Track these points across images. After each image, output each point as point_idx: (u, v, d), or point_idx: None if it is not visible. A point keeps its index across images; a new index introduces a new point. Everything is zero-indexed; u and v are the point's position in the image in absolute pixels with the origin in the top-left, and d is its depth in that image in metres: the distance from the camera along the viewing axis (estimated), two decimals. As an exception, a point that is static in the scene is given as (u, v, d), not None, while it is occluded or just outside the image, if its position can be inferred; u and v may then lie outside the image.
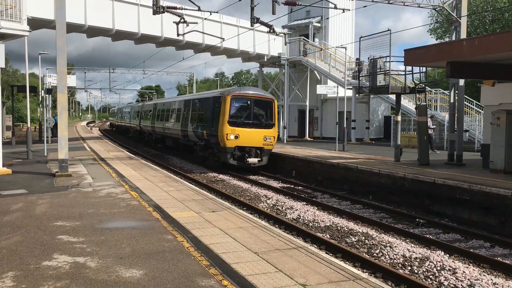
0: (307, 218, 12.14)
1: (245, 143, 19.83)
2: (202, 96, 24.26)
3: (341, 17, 34.42)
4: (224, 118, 19.78)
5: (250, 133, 20.00)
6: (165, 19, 27.75)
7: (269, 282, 5.85)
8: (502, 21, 40.18)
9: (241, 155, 19.89)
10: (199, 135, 22.66)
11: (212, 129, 20.66)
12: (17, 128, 46.42)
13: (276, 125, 21.03)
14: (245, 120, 20.15)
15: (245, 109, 20.42)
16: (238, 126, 19.87)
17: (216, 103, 20.83)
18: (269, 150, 20.65)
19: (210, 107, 21.49)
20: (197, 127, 22.88)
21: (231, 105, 19.94)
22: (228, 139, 19.57)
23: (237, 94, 20.41)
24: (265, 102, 20.92)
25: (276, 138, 20.87)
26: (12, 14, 15.83)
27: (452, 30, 18.16)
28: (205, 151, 22.58)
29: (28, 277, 5.99)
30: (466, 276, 7.82)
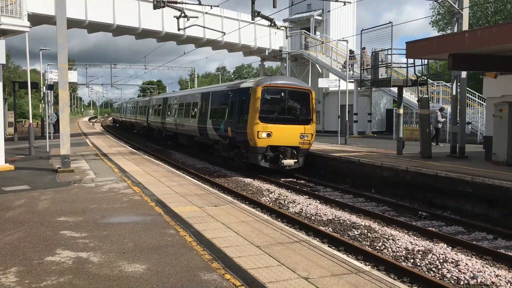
0: (310, 212, 12.15)
1: (279, 142, 17.15)
2: (225, 88, 21.18)
3: (342, 10, 34.27)
4: (254, 113, 17.02)
5: (284, 130, 17.30)
6: (166, 14, 27.67)
7: (272, 276, 5.86)
8: (504, 12, 39.93)
9: (274, 156, 17.18)
10: (221, 133, 19.90)
11: (239, 126, 18.00)
12: (19, 124, 46.48)
13: (314, 121, 18.14)
14: (279, 115, 17.42)
15: (279, 102, 17.58)
16: (270, 122, 17.12)
17: (243, 95, 18.11)
18: (306, 149, 17.94)
19: (236, 101, 18.67)
20: (219, 124, 20.17)
21: (263, 97, 17.13)
22: (259, 138, 16.85)
23: (269, 84, 17.41)
24: (301, 94, 18.00)
25: (314, 135, 18.11)
26: (12, 10, 15.82)
27: (454, 22, 18.05)
28: (229, 151, 19.95)
29: (32, 272, 6.01)
30: (468, 268, 7.82)
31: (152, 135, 37.45)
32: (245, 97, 17.83)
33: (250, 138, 17.20)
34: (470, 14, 32.03)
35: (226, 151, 20.35)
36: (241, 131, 17.87)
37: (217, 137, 20.66)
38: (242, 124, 17.70)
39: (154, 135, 36.23)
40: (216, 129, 20.52)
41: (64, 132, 15.44)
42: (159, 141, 34.10)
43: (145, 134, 40.38)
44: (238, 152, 19.04)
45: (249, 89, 17.72)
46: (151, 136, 37.73)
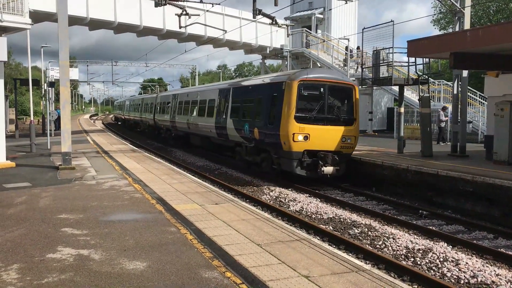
0: (310, 210, 12.16)
1: (317, 146, 14.75)
2: (251, 83, 18.92)
3: (344, 8, 34.26)
4: (289, 112, 14.60)
5: (324, 132, 14.86)
6: (167, 12, 27.70)
7: (272, 274, 5.87)
8: (506, 11, 39.88)
9: (312, 163, 14.74)
10: (245, 134, 17.48)
11: (269, 127, 15.56)
12: (20, 121, 46.55)
13: (358, 121, 15.68)
14: (318, 114, 14.92)
15: (317, 99, 15.01)
16: (308, 122, 14.71)
17: (275, 91, 15.68)
18: (348, 154, 15.45)
19: (265, 97, 16.32)
20: (242, 124, 17.75)
21: (299, 93, 14.66)
22: (295, 141, 14.46)
23: (306, 78, 14.87)
24: (344, 89, 15.49)
25: (357, 138, 15.71)
26: (14, 7, 15.81)
27: (455, 21, 18.03)
28: (255, 155, 17.50)
29: (33, 269, 6.03)
30: (469, 268, 7.83)
31: (159, 135, 35.03)
32: (276, 93, 15.43)
33: (284, 141, 14.71)
34: (472, 13, 31.99)
35: (251, 155, 17.89)
36: (271, 132, 15.43)
37: (239, 138, 18.31)
38: (273, 125, 15.29)
39: (162, 135, 33.69)
40: (239, 130, 18.16)
41: (65, 129, 15.46)
42: (167, 141, 31.85)
43: (151, 134, 37.90)
44: (266, 157, 16.59)
45: (282, 84, 15.23)
46: (158, 136, 35.37)
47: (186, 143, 27.72)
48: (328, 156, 14.62)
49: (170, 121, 29.88)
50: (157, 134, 35.91)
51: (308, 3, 36.98)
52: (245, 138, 17.73)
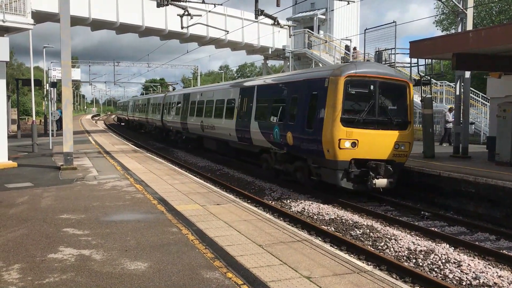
0: (312, 211, 12.14)
1: (367, 154, 12.63)
2: (282, 80, 16.35)
3: (346, 9, 34.22)
4: (334, 114, 12.45)
5: (375, 137, 12.72)
6: (169, 12, 27.71)
7: (274, 275, 5.86)
8: (509, 12, 39.80)
9: (360, 174, 12.61)
10: (275, 139, 15.33)
11: (308, 131, 13.39)
12: (22, 121, 46.67)
13: (412, 124, 13.53)
14: (367, 116, 12.70)
15: (367, 99, 12.85)
16: (356, 126, 12.52)
17: (314, 88, 13.50)
18: (401, 164, 13.25)
19: (302, 96, 14.01)
20: (271, 127, 15.53)
21: (346, 91, 12.52)
22: (341, 148, 12.33)
23: (354, 74, 12.68)
24: (397, 87, 13.33)
25: (412, 145, 13.46)
26: (16, 8, 15.86)
27: (458, 22, 18.00)
28: (287, 163, 15.32)
29: (34, 269, 6.03)
30: (471, 269, 7.80)
31: (167, 137, 32.72)
32: (317, 91, 13.23)
33: (328, 149, 12.54)
34: (475, 13, 31.96)
35: (281, 163, 15.69)
36: (311, 138, 13.27)
37: (267, 144, 16.15)
38: (313, 129, 13.14)
39: (171, 138, 31.18)
40: (266, 134, 16.00)
41: (67, 130, 15.48)
42: (176, 144, 29.86)
43: (159, 136, 35.45)
44: (302, 166, 14.46)
45: (324, 80, 13.02)
46: (165, 138, 33.20)
47: (198, 147, 25.75)
48: (380, 166, 12.41)
49: (180, 123, 27.71)
50: (165, 136, 33.72)
51: (310, 3, 36.95)
52: (275, 144, 15.52)
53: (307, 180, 14.42)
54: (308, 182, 14.38)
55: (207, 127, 22.48)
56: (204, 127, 22.90)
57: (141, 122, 43.89)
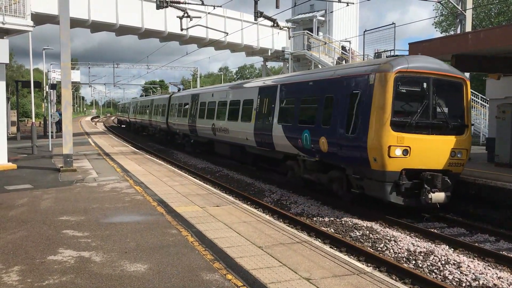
0: (311, 212, 12.14)
1: (420, 163, 10.93)
2: (312, 78, 14.25)
3: (345, 11, 34.22)
4: (382, 117, 10.74)
5: (430, 143, 11.05)
6: (169, 14, 27.73)
7: (273, 276, 5.86)
8: (508, 13, 39.86)
9: (412, 187, 10.90)
10: (304, 145, 13.53)
11: (348, 137, 11.63)
12: (22, 123, 46.66)
13: (470, 128, 11.80)
14: (420, 119, 11.03)
15: (419, 99, 11.19)
16: (408, 131, 10.87)
17: (356, 87, 11.67)
18: (457, 174, 11.59)
19: (340, 96, 12.20)
20: (299, 131, 13.80)
21: (396, 90, 10.84)
22: (391, 156, 10.65)
23: (406, 69, 10.96)
24: (453, 85, 11.63)
25: (469, 152, 11.86)
26: (16, 10, 15.87)
27: (457, 23, 18.05)
28: (319, 172, 13.51)
29: (34, 271, 6.03)
30: (470, 270, 7.81)
31: (173, 141, 30.76)
32: (359, 90, 11.49)
33: (374, 157, 10.85)
34: (473, 15, 32.02)
35: (312, 172, 13.87)
36: (352, 144, 11.55)
37: (293, 149, 14.38)
38: (356, 134, 11.37)
39: (178, 141, 29.26)
40: (292, 139, 14.28)
41: (66, 131, 15.49)
42: (184, 147, 28.16)
43: (164, 139, 33.76)
44: (339, 176, 12.69)
45: (368, 76, 11.30)
46: (172, 142, 31.25)
47: (209, 151, 24.06)
48: (437, 177, 10.67)
49: (188, 126, 25.71)
50: (170, 139, 31.91)
51: (310, 5, 36.98)
52: (304, 150, 13.75)
53: (344, 193, 12.63)
54: (346, 195, 12.60)
55: (220, 130, 20.65)
56: (216, 130, 21.05)
57: (144, 124, 42.15)
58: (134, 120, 48.41)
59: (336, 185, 13.06)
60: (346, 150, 11.82)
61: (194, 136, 25.37)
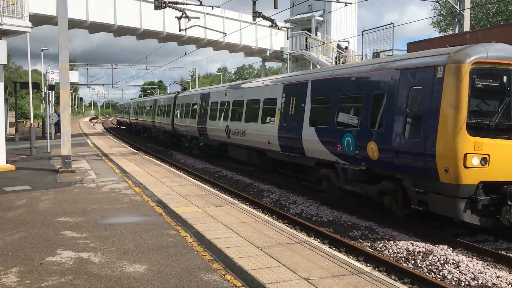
0: (310, 213, 12.14)
1: (502, 175, 9.14)
2: (354, 72, 12.03)
3: (343, 11, 34.25)
4: (456, 117, 9.01)
5: None
6: (167, 14, 27.72)
7: (272, 277, 5.86)
8: (506, 13, 39.93)
9: (490, 203, 9.07)
10: (346, 150, 11.59)
11: (409, 142, 9.77)
12: (20, 124, 46.56)
13: None
14: (502, 120, 9.18)
15: (498, 96, 9.35)
16: (486, 135, 9.08)
17: (417, 81, 9.86)
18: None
19: (394, 92, 10.30)
20: (338, 134, 11.85)
21: (472, 85, 9.05)
22: (467, 166, 8.90)
23: (485, 60, 9.17)
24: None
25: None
26: (14, 11, 15.84)
27: (455, 23, 18.08)
28: (366, 183, 11.42)
29: (33, 273, 6.02)
30: (469, 270, 7.81)
31: (180, 144, 28.85)
32: (423, 85, 9.66)
33: (446, 167, 9.03)
34: (472, 15, 32.03)
35: (355, 184, 11.74)
36: (414, 151, 9.64)
37: (331, 156, 12.35)
38: (419, 139, 9.53)
39: (185, 144, 27.15)
40: (329, 143, 12.35)
41: (65, 132, 15.47)
42: (191, 151, 26.44)
43: (168, 141, 31.95)
44: (395, 189, 10.59)
45: (435, 69, 9.46)
46: (178, 145, 29.42)
47: (220, 155, 22.56)
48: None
49: (197, 128, 23.78)
50: (175, 142, 30.34)
51: (308, 5, 37.00)
52: (345, 157, 11.80)
53: (400, 209, 10.66)
54: (402, 210, 10.66)
55: (236, 132, 18.66)
56: (231, 132, 19.11)
57: (146, 126, 39.98)
58: (135, 121, 46.41)
59: (388, 199, 10.85)
60: (405, 158, 9.89)
61: (204, 139, 23.33)
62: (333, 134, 12.24)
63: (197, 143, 24.81)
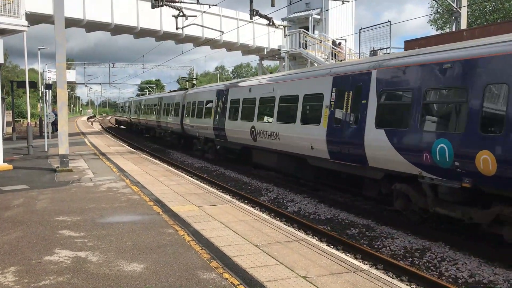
0: (308, 211, 12.15)
1: None
2: (451, 57, 9.10)
3: (341, 9, 34.30)
4: None
5: None
6: (164, 13, 27.68)
7: (270, 275, 5.86)
8: (503, 11, 40.00)
9: None
10: (437, 162, 8.92)
11: None
12: (17, 123, 46.47)
13: None
14: None
15: None
16: None
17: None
18: None
19: None
20: (425, 140, 9.23)
21: None
22: None
23: None
24: None
25: None
26: (10, 9, 15.78)
27: (452, 21, 18.11)
28: (473, 207, 8.68)
29: (30, 272, 6.01)
30: (467, 267, 7.84)
31: (190, 146, 25.94)
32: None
33: None
34: (469, 12, 32.10)
35: (453, 206, 9.04)
36: None
37: (411, 167, 9.60)
38: None
39: (198, 147, 24.20)
40: (408, 151, 9.64)
41: (62, 131, 15.45)
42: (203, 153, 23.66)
43: (176, 143, 29.67)
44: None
45: None
46: (189, 147, 26.44)
47: (240, 160, 20.28)
48: None
49: (214, 129, 21.06)
50: (184, 144, 27.97)
51: (305, 3, 37.00)
52: (434, 169, 9.02)
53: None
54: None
55: (263, 134, 16.06)
56: (259, 134, 16.42)
57: (150, 126, 37.50)
58: (136, 121, 43.50)
59: (510, 229, 8.13)
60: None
61: (222, 142, 20.61)
62: (416, 139, 9.47)
63: (212, 145, 22.10)
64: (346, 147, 11.64)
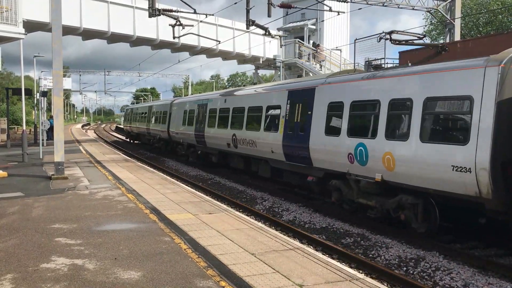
0: (303, 220, 12.19)
1: None
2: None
3: (336, 20, 34.56)
4: None
5: None
6: (161, 22, 27.86)
7: (266, 283, 5.90)
8: (495, 23, 40.48)
9: None
10: None
11: None
12: (12, 131, 46.23)
13: None
14: None
15: None
16: None
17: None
18: None
19: None
20: None
21: None
22: None
23: None
24: None
25: None
26: (7, 17, 15.87)
27: (446, 32, 18.33)
28: None
29: (27, 279, 6.02)
30: (461, 276, 7.90)
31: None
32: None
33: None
34: (462, 24, 32.47)
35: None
36: None
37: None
38: None
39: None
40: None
41: (58, 139, 15.44)
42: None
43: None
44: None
45: None
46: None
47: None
48: None
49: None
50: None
51: (301, 14, 37.27)
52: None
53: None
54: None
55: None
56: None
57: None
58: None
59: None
60: None
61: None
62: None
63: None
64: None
